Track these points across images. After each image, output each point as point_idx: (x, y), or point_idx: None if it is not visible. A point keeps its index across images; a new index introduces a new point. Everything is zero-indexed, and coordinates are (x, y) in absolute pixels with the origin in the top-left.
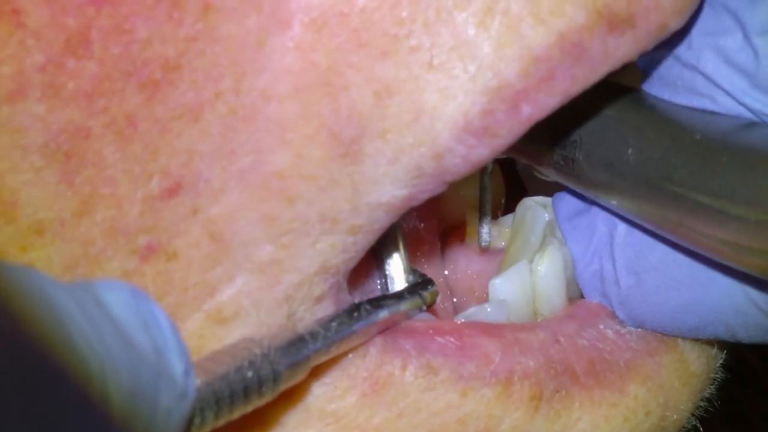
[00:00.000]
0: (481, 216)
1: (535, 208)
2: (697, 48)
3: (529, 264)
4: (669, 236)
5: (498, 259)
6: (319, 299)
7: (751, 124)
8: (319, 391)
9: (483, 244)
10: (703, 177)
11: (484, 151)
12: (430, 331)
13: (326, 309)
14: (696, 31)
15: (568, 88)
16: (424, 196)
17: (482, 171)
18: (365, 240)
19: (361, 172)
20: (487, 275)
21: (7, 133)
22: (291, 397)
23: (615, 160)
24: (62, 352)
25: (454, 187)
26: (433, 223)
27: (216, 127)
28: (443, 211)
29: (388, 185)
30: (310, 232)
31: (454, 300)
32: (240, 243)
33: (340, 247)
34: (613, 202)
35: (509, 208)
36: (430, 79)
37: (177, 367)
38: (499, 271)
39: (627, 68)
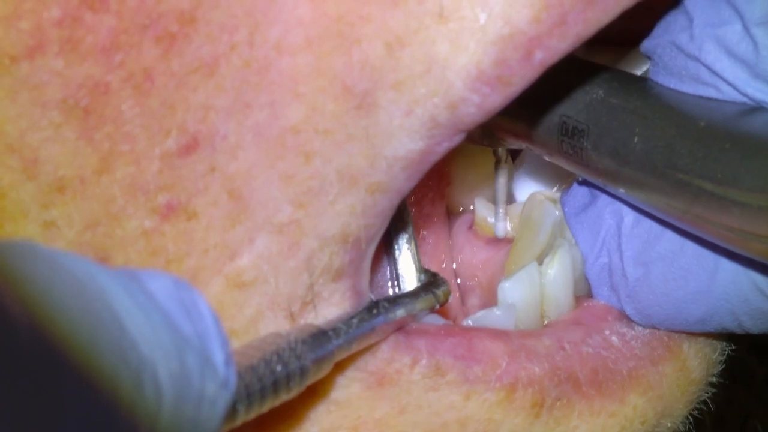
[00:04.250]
0: (497, 207)
1: (544, 203)
2: (698, 39)
3: (539, 266)
4: (676, 223)
5: (504, 249)
6: (338, 275)
7: (754, 110)
8: (326, 378)
9: (499, 234)
10: (707, 164)
11: (497, 99)
12: (442, 332)
13: (344, 290)
14: (697, 22)
15: (580, 31)
16: (441, 150)
17: (497, 162)
18: (384, 202)
19: (376, 125)
20: (493, 264)
21: (26, 89)
22: None
23: (621, 149)
24: (114, 338)
25: (463, 173)
26: (442, 209)
27: (230, 81)
28: (450, 198)
29: (404, 138)
30: (329, 191)
31: (458, 283)
32: (259, 202)
33: (359, 210)
34: (621, 191)
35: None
36: (441, 30)
37: (218, 356)
38: (505, 262)
39: (633, 56)
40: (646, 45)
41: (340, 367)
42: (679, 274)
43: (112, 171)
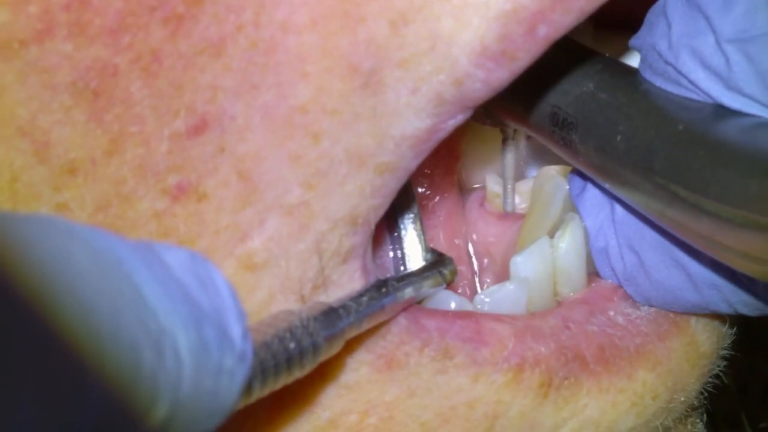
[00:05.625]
0: (504, 183)
1: (555, 178)
2: (675, 48)
3: (551, 240)
4: (657, 222)
5: (516, 224)
6: (347, 256)
7: (733, 113)
8: (336, 361)
9: (507, 209)
10: (681, 170)
11: (503, 74)
12: (450, 315)
13: (353, 272)
14: (675, 29)
15: (583, 5)
16: (447, 127)
17: (504, 139)
18: (392, 182)
19: (383, 103)
20: (505, 240)
21: (36, 73)
22: None
23: (605, 146)
24: (134, 308)
25: (474, 149)
26: (452, 185)
27: (238, 62)
28: (463, 174)
29: (411, 116)
30: (338, 171)
31: (472, 259)
32: (268, 183)
33: (368, 190)
34: (607, 185)
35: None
36: (445, 6)
37: (236, 329)
38: (517, 238)
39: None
40: (633, 43)
41: (349, 349)
42: (671, 263)
43: (122, 152)
